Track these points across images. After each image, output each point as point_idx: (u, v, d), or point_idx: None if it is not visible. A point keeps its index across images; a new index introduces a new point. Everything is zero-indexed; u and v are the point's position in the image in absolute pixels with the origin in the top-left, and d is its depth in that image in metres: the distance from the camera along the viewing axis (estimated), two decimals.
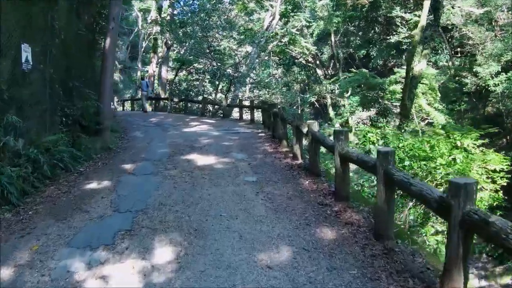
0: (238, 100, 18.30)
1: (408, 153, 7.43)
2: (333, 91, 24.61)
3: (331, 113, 30.14)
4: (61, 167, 7.99)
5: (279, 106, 9.97)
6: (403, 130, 11.55)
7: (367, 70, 25.75)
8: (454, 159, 7.62)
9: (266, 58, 26.34)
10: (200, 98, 20.99)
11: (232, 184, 6.78)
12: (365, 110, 27.74)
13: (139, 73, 38.69)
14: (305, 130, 7.35)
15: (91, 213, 5.63)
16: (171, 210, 5.56)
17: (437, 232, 7.86)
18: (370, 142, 8.12)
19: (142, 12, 37.30)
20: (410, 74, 15.47)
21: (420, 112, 22.07)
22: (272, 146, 10.16)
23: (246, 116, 17.85)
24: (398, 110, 24.38)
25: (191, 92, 22.61)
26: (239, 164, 8.27)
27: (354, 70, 24.80)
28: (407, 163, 7.25)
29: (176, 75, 26.92)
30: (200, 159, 8.70)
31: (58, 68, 9.44)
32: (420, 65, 16.14)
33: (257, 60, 23.74)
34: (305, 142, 8.76)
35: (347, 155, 5.32)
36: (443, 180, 7.01)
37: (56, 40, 9.36)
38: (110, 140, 11.11)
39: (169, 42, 25.40)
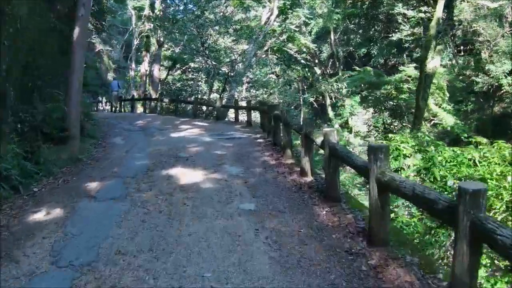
0: (234, 100, 16.44)
1: (449, 169, 5.62)
2: (340, 89, 22.79)
3: (331, 113, 28.51)
4: (7, 187, 6.14)
5: (281, 109, 8.11)
6: (421, 135, 9.78)
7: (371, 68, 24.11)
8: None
9: (263, 56, 24.47)
10: (195, 98, 19.07)
11: (223, 215, 4.93)
12: (366, 110, 26.25)
13: (132, 73, 36.83)
14: (319, 140, 5.51)
15: (20, 266, 3.80)
16: (130, 265, 3.70)
17: None
18: (404, 156, 6.28)
19: (136, 10, 35.40)
20: (424, 72, 13.67)
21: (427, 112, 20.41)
22: (273, 156, 8.31)
23: (243, 117, 16.02)
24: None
25: (183, 92, 20.70)
26: (233, 182, 6.42)
27: (358, 69, 23.07)
28: (450, 183, 5.44)
29: (168, 74, 25.00)
30: (184, 175, 6.85)
31: (14, 64, 7.61)
32: (433, 62, 14.37)
33: (254, 59, 21.89)
34: (314, 151, 6.92)
35: (392, 184, 3.48)
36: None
37: (10, 30, 7.51)
38: (81, 149, 9.26)
39: (161, 40, 23.51)
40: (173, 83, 26.46)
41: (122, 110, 23.36)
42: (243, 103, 17.64)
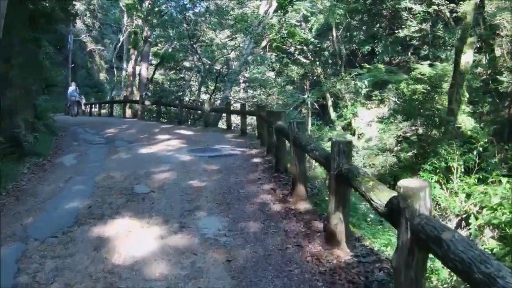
0: (226, 103, 13.44)
1: None
2: (360, 88, 19.99)
3: (333, 114, 25.66)
4: None
5: (294, 121, 5.08)
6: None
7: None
8: None
9: (261, 52, 21.41)
10: (179, 100, 15.78)
11: None
12: (370, 109, 23.54)
13: (124, 73, 33.75)
14: (381, 198, 2.52)
15: None
16: None
17: None
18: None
19: (128, 7, 32.20)
20: (458, 69, 10.70)
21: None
22: (276, 194, 5.28)
23: (238, 122, 13.06)
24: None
25: (173, 94, 17.55)
26: (207, 260, 3.42)
27: (368, 66, 20.17)
28: None
29: (154, 72, 21.92)
30: (128, 239, 3.87)
31: None
32: (466, 57, 11.41)
33: (250, 57, 18.86)
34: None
35: None
36: None
37: None
38: (8, 174, 6.31)
39: (148, 33, 20.46)
40: (164, 83, 23.36)
41: (89, 114, 20.32)
42: (238, 106, 14.63)
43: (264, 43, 21.51)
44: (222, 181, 5.95)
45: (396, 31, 22.41)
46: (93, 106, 22.11)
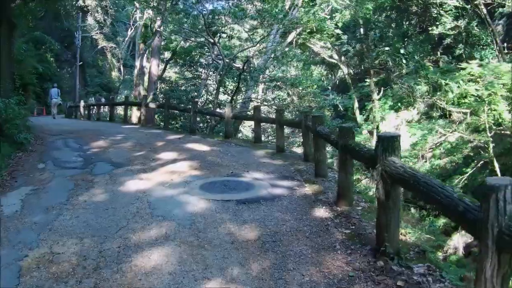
0: (253, 108, 10.12)
1: None
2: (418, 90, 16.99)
3: (359, 117, 23.58)
4: None
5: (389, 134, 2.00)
6: None
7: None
8: None
9: (286, 49, 17.97)
10: (192, 103, 11.89)
11: None
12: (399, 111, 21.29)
13: (135, 71, 30.78)
14: None
15: None
16: None
17: None
18: None
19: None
20: None
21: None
22: None
23: (270, 132, 9.73)
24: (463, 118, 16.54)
25: (185, 95, 14.21)
26: None
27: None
28: None
29: (164, 69, 18.68)
30: None
31: None
32: None
33: (278, 51, 15.51)
34: None
35: None
36: None
37: None
38: None
39: (159, 23, 17.26)
40: (177, 82, 19.95)
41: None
42: (266, 111, 11.33)
43: (290, 38, 18.15)
44: (273, 281, 2.70)
45: (430, 29, 20.03)
46: (92, 108, 18.73)
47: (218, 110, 12.89)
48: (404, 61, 21.74)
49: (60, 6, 28.73)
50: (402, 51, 22.75)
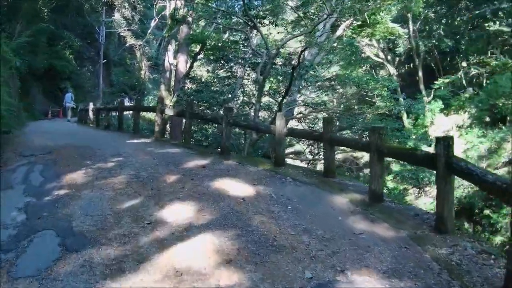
0: (323, 120, 6.50)
1: None
2: None
3: (406, 121, 21.53)
4: None
5: None
6: None
7: None
8: None
9: (335, 44, 14.30)
10: (225, 110, 7.99)
11: None
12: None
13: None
14: None
15: None
16: None
17: None
18: None
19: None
20: None
21: None
22: None
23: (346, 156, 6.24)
24: None
25: (210, 96, 10.97)
26: None
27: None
28: None
29: (192, 65, 15.43)
30: None
31: None
32: None
33: (334, 43, 11.94)
34: None
35: None
36: None
37: None
38: None
39: (186, 9, 14.15)
40: (208, 81, 16.65)
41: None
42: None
43: (339, 31, 14.54)
44: None
45: (486, 25, 18.68)
46: (101, 112, 15.26)
47: (258, 118, 9.50)
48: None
49: (85, 1, 26.65)
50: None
